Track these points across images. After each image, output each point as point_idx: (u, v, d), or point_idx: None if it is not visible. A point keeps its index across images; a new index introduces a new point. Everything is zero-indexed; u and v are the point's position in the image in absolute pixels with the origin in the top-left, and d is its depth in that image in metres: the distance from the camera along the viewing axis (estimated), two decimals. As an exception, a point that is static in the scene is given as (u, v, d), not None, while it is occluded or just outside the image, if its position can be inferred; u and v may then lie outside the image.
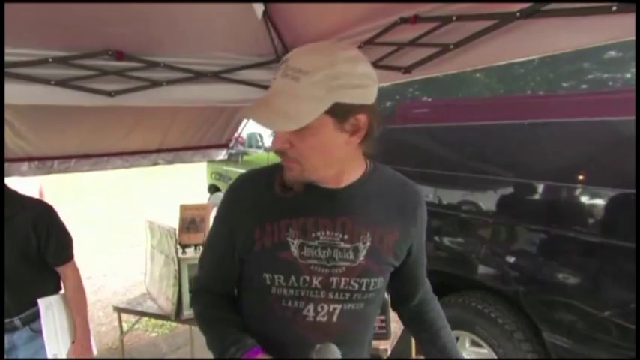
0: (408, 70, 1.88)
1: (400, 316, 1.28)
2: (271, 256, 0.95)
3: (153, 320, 3.73)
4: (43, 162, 2.77)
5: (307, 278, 0.95)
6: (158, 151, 3.23)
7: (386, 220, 0.99)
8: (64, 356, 1.88)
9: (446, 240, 2.61)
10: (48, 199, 1.94)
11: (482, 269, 2.40)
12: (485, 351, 2.30)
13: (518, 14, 1.42)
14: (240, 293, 1.06)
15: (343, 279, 0.96)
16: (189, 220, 2.46)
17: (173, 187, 10.19)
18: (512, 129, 2.37)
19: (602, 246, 1.93)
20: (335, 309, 0.97)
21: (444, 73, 1.85)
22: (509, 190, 2.35)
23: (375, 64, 2.02)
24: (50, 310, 1.87)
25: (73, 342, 1.92)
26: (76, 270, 1.97)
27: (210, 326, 1.04)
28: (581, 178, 2.04)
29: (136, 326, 3.86)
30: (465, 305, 2.39)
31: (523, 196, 2.31)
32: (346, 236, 0.96)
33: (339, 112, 0.85)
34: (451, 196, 2.61)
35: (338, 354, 0.86)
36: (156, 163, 3.23)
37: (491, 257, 2.38)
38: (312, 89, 0.82)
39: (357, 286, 0.97)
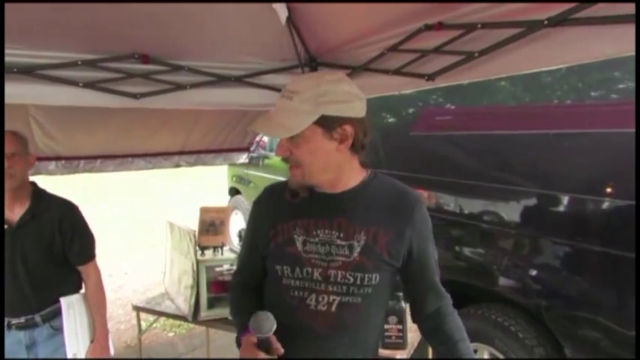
0: (431, 77, 1.86)
1: (419, 327, 1.28)
2: (282, 251, 1.14)
3: (171, 320, 3.75)
4: (70, 161, 2.84)
5: (309, 270, 1.11)
6: (180, 153, 3.28)
7: (380, 222, 1.12)
8: (83, 355, 1.90)
9: (466, 250, 2.56)
10: (73, 198, 1.97)
11: (503, 281, 2.35)
12: (504, 366, 2.25)
13: (545, 22, 1.39)
14: (264, 286, 1.23)
15: (340, 272, 1.10)
16: (209, 223, 2.49)
17: (195, 188, 10.33)
18: (537, 139, 2.31)
19: (630, 261, 1.86)
20: (334, 300, 1.10)
21: (468, 81, 1.82)
22: (533, 201, 2.29)
23: (398, 71, 2.01)
24: (71, 309, 1.90)
25: (91, 341, 1.94)
26: (97, 270, 2.00)
27: (234, 315, 1.29)
28: (609, 190, 1.98)
29: (154, 325, 3.91)
30: (485, 318, 2.33)
31: (547, 208, 2.25)
32: (342, 234, 1.11)
33: (327, 123, 1.05)
34: (473, 206, 2.56)
35: (272, 322, 1.02)
36: (178, 165, 3.28)
37: (512, 269, 2.33)
38: (302, 105, 1.03)
39: (352, 279, 1.10)
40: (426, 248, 1.18)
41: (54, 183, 2.90)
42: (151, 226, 7.07)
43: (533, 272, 2.22)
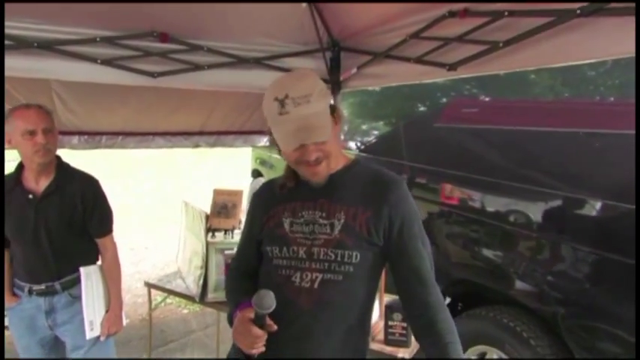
0: (452, 67, 1.76)
1: (410, 324, 1.26)
2: (272, 233, 1.23)
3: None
4: (92, 137, 2.87)
5: (295, 249, 1.18)
6: (200, 133, 3.27)
7: (359, 202, 1.19)
8: (99, 325, 1.97)
9: (484, 250, 2.47)
10: (101, 173, 2.00)
11: (519, 285, 2.25)
12: (513, 371, 2.17)
13: (578, 11, 1.28)
14: (260, 270, 1.29)
15: (322, 249, 1.16)
16: (221, 205, 2.48)
17: (222, 168, 10.43)
18: (566, 137, 2.18)
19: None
20: (317, 277, 1.16)
21: (491, 73, 1.72)
22: (558, 203, 2.17)
23: (419, 60, 1.92)
24: (89, 279, 1.96)
25: (106, 311, 2.00)
26: (114, 243, 2.05)
27: (229, 295, 1.37)
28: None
29: (169, 301, 3.99)
30: (497, 321, 2.24)
31: (573, 212, 2.13)
32: (324, 214, 1.19)
33: (331, 110, 1.17)
34: (494, 204, 2.45)
35: (273, 300, 1.06)
36: (197, 145, 3.27)
37: (531, 274, 2.22)
38: (320, 104, 1.11)
39: (333, 256, 1.16)
40: (410, 229, 1.18)
41: (83, 159, 2.96)
42: (175, 203, 7.18)
43: (552, 278, 2.12)
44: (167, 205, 7.38)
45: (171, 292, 2.57)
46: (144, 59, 2.12)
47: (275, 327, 1.11)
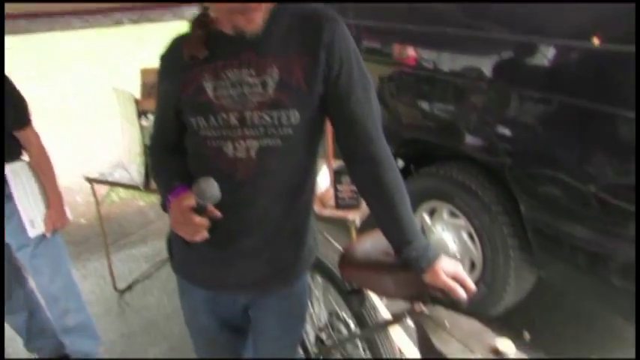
0: None
1: (351, 176, 1.17)
2: (193, 101, 1.06)
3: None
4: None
5: (225, 116, 1.04)
6: (122, 9, 2.89)
7: (292, 51, 1.03)
8: (41, 222, 1.87)
9: (434, 108, 2.39)
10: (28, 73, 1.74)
11: (469, 139, 2.23)
12: (462, 222, 2.25)
13: None
14: (186, 143, 1.16)
15: (256, 113, 1.03)
16: (151, 85, 2.26)
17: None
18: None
19: (600, 114, 1.73)
20: (252, 145, 1.04)
21: None
22: (509, 50, 2.07)
23: None
24: (18, 176, 1.83)
25: (49, 208, 1.90)
26: (36, 135, 1.89)
27: (158, 178, 1.23)
28: (594, 39, 1.74)
29: (123, 195, 3.92)
30: (447, 177, 2.27)
31: (523, 59, 2.04)
32: (252, 71, 1.02)
33: None
34: (441, 58, 2.32)
35: (216, 189, 0.96)
36: (119, 23, 2.91)
37: (481, 127, 2.20)
38: None
39: (269, 119, 1.03)
40: (349, 74, 1.04)
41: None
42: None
43: (502, 130, 2.09)
44: (106, 100, 6.92)
45: (114, 184, 2.46)
46: None
47: (219, 213, 1.02)
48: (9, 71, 1.81)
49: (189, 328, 1.36)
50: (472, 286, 1.02)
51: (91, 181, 2.51)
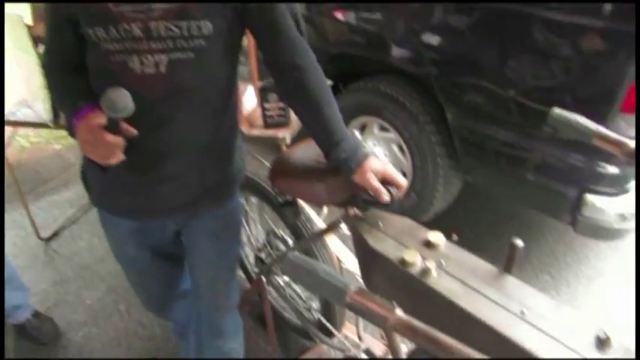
0: None
1: (278, 86, 1.11)
2: (90, 9, 0.94)
3: (55, 132, 3.41)
4: None
5: (127, 27, 0.93)
6: None
7: None
8: None
9: (361, 20, 2.31)
10: None
11: (396, 51, 2.20)
12: (392, 136, 2.29)
13: None
14: (86, 59, 1.04)
15: (162, 24, 0.93)
16: (43, 7, 1.97)
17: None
18: None
19: (518, 16, 1.75)
20: (161, 59, 0.95)
21: None
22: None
23: None
24: None
25: None
26: None
27: (59, 99, 1.12)
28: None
29: (34, 140, 3.58)
30: (375, 90, 2.26)
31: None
32: None
33: None
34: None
35: (127, 98, 0.87)
36: None
37: (407, 37, 2.16)
38: None
39: (177, 31, 0.94)
40: None
41: None
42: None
43: (428, 39, 2.07)
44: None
45: (19, 124, 2.21)
46: None
47: (134, 130, 0.93)
48: None
49: (118, 261, 1.30)
50: (403, 181, 1.03)
51: (-10, 123, 2.23)
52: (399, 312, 0.64)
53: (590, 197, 1.76)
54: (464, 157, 2.12)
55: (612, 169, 1.70)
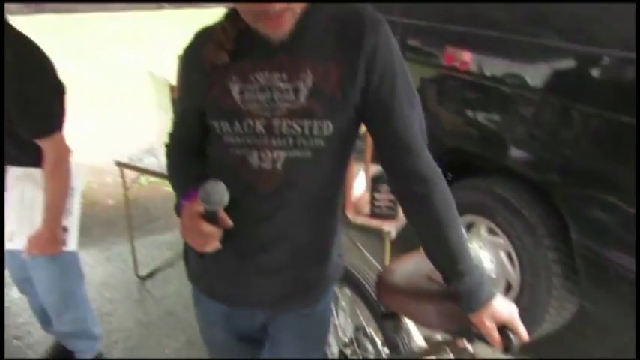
0: None
1: (395, 193, 1.06)
2: (218, 103, 0.97)
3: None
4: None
5: (250, 123, 0.95)
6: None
7: (329, 55, 0.92)
8: (22, 239, 1.61)
9: (480, 116, 2.26)
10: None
11: (515, 153, 2.10)
12: (501, 241, 2.12)
13: None
14: (207, 147, 1.08)
15: (285, 122, 0.93)
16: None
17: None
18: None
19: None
20: (279, 156, 0.95)
21: None
22: (565, 61, 1.92)
23: None
24: (20, 181, 1.60)
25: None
26: (58, 147, 1.56)
27: (173, 180, 1.15)
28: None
29: (152, 179, 3.90)
30: (488, 191, 2.14)
31: (581, 70, 1.88)
32: (284, 75, 0.93)
33: None
34: (493, 64, 2.18)
35: (223, 193, 0.90)
36: (161, 6, 2.87)
37: (528, 140, 2.06)
38: None
39: (299, 129, 0.93)
40: (392, 81, 0.93)
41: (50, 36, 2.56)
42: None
43: (552, 145, 1.95)
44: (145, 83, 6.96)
45: (143, 171, 2.43)
46: None
47: (230, 222, 0.94)
48: (49, 51, 1.57)
49: (203, 337, 1.30)
50: (525, 335, 0.91)
51: (120, 165, 2.48)
52: None
53: None
54: (584, 281, 1.88)
55: None
